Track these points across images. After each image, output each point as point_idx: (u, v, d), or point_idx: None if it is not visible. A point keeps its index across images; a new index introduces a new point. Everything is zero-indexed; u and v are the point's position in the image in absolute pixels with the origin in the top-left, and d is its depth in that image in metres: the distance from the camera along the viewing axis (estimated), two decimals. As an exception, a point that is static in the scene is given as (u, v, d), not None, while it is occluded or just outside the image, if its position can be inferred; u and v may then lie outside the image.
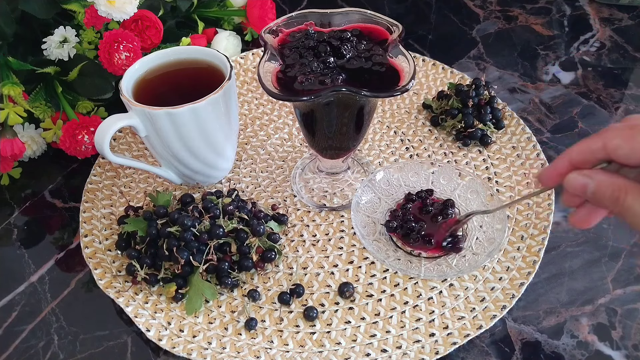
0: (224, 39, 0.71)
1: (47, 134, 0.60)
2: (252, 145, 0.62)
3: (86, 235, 0.53)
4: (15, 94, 0.55)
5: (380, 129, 0.63)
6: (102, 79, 0.60)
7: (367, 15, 0.48)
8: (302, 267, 0.50)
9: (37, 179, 0.61)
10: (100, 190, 0.57)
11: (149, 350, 0.46)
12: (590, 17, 0.81)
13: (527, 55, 0.74)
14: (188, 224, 0.46)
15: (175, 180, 0.56)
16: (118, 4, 0.54)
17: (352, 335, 0.45)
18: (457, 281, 0.48)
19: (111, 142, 0.62)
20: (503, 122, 0.61)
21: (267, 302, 0.48)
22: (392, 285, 0.49)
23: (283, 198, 0.56)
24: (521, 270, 0.48)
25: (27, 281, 0.51)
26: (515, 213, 0.53)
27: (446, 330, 0.45)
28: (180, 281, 0.47)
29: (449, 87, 0.64)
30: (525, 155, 0.59)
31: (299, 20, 0.48)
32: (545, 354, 0.45)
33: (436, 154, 0.60)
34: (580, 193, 0.33)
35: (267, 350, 0.44)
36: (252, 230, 0.48)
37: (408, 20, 0.82)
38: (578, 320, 0.47)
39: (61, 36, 0.59)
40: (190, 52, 0.54)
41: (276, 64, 0.45)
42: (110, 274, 0.49)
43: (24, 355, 0.46)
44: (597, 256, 0.51)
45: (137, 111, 0.48)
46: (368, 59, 0.44)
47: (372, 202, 0.53)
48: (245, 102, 0.67)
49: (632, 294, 0.48)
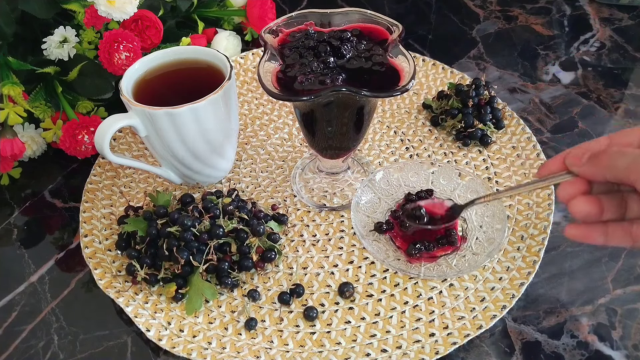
0: (224, 39, 0.71)
1: (47, 134, 0.60)
2: (252, 145, 0.62)
3: (86, 235, 0.53)
4: (15, 94, 0.55)
5: (380, 129, 0.63)
6: (102, 79, 0.60)
7: (367, 15, 0.48)
8: (302, 267, 0.50)
9: (37, 179, 0.61)
10: (100, 190, 0.57)
11: (149, 350, 0.46)
12: (590, 17, 0.81)
13: (527, 55, 0.74)
14: (188, 224, 0.46)
15: (175, 180, 0.56)
16: (118, 4, 0.54)
17: (352, 335, 0.45)
18: (457, 281, 0.48)
19: (111, 142, 0.62)
20: (503, 122, 0.61)
21: (267, 302, 0.48)
22: (392, 285, 0.49)
23: (283, 198, 0.56)
24: (521, 270, 0.48)
25: (27, 281, 0.51)
26: (515, 213, 0.53)
27: (446, 330, 0.45)
28: (180, 281, 0.47)
29: (449, 87, 0.64)
30: (525, 155, 0.59)
31: (299, 20, 0.48)
32: (545, 354, 0.45)
33: (436, 154, 0.60)
34: (577, 162, 0.37)
35: (267, 350, 0.44)
36: (252, 230, 0.48)
37: (408, 20, 0.82)
38: (578, 320, 0.47)
39: (61, 36, 0.59)
40: (190, 52, 0.54)
41: (276, 64, 0.45)
42: (110, 274, 0.49)
43: (24, 355, 0.46)
44: (597, 256, 0.51)
45: (137, 111, 0.48)
46: (368, 59, 0.44)
47: (372, 202, 0.53)
48: (245, 102, 0.67)
49: (632, 294, 0.48)
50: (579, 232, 0.38)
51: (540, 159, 0.58)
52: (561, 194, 0.38)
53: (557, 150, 0.61)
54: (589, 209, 0.36)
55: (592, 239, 0.38)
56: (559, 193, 0.38)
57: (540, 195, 0.54)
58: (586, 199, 0.36)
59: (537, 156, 0.58)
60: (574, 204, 0.37)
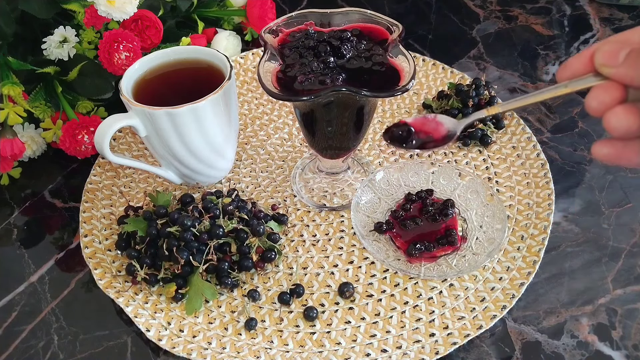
0: (224, 39, 0.71)
1: (47, 134, 0.60)
2: (252, 145, 0.62)
3: (86, 235, 0.53)
4: (15, 94, 0.55)
5: (380, 129, 0.63)
6: (102, 79, 0.60)
7: (367, 15, 0.48)
8: (302, 267, 0.50)
9: (37, 179, 0.61)
10: (100, 190, 0.57)
11: (149, 350, 0.46)
12: (590, 17, 0.81)
13: (527, 55, 0.74)
14: (188, 224, 0.46)
15: (175, 180, 0.56)
16: (118, 3, 0.54)
17: (352, 335, 0.45)
18: (457, 281, 0.48)
19: (111, 142, 0.62)
20: (503, 122, 0.61)
21: (267, 302, 0.48)
22: (392, 285, 0.49)
23: (283, 198, 0.56)
24: (521, 270, 0.48)
25: (27, 281, 0.51)
26: (516, 213, 0.53)
27: (446, 330, 0.45)
28: (180, 281, 0.47)
29: (449, 87, 0.64)
30: (525, 155, 0.59)
31: (299, 20, 0.48)
32: (546, 354, 0.45)
33: (436, 154, 0.60)
34: (612, 61, 0.28)
35: (267, 350, 0.44)
36: (252, 230, 0.48)
37: (408, 20, 0.82)
38: (578, 320, 0.47)
39: (61, 36, 0.59)
40: (190, 52, 0.54)
41: (276, 64, 0.45)
42: (110, 274, 0.49)
43: (24, 355, 0.46)
44: (597, 256, 0.51)
45: (137, 111, 0.48)
46: (368, 59, 0.44)
47: (372, 202, 0.53)
48: (245, 102, 0.67)
49: (632, 294, 0.48)
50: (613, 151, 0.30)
51: (540, 159, 0.58)
52: (592, 103, 0.29)
53: (557, 150, 0.61)
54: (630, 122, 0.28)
55: (627, 159, 0.30)
56: (589, 103, 0.29)
57: (540, 195, 0.54)
58: (626, 110, 0.28)
59: (537, 156, 0.58)
60: (611, 116, 0.28)
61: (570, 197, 0.56)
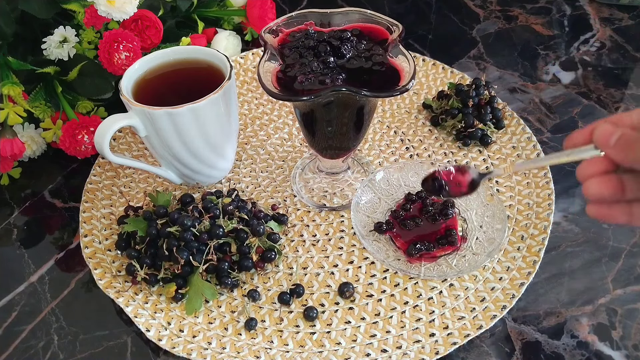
0: (224, 39, 0.71)
1: (47, 134, 0.60)
2: (252, 145, 0.62)
3: (86, 235, 0.53)
4: (15, 94, 0.55)
5: (380, 129, 0.63)
6: (102, 79, 0.60)
7: (367, 15, 0.48)
8: (302, 267, 0.50)
9: (37, 179, 0.61)
10: (100, 190, 0.57)
11: (148, 350, 0.46)
12: (590, 17, 0.81)
13: (527, 55, 0.74)
14: (188, 224, 0.46)
15: (175, 180, 0.56)
16: (118, 3, 0.54)
17: (352, 335, 0.45)
18: (457, 281, 0.48)
19: (111, 142, 0.62)
20: (503, 122, 0.61)
21: (267, 302, 0.48)
22: (392, 285, 0.49)
23: (283, 198, 0.56)
24: (521, 270, 0.48)
25: (27, 281, 0.51)
26: (516, 213, 0.53)
27: (446, 330, 0.45)
28: (180, 281, 0.47)
29: (449, 87, 0.64)
30: (525, 155, 0.59)
31: (299, 20, 0.48)
32: (546, 354, 0.45)
33: (436, 154, 0.60)
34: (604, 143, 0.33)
35: (267, 351, 0.44)
36: (252, 230, 0.48)
37: (408, 20, 0.82)
38: (578, 320, 0.47)
39: (61, 36, 0.59)
40: (190, 52, 0.54)
41: (276, 64, 0.45)
42: (110, 274, 0.49)
43: (24, 355, 0.46)
44: (597, 256, 0.51)
45: (137, 111, 0.48)
46: (368, 59, 0.44)
47: (372, 202, 0.53)
48: (245, 102, 0.67)
49: (632, 294, 0.48)
50: (600, 212, 0.35)
51: (540, 159, 0.58)
52: (579, 172, 0.34)
53: (557, 150, 0.61)
54: (602, 191, 0.33)
55: (614, 218, 0.34)
56: (578, 171, 0.34)
57: (540, 195, 0.54)
58: (600, 181, 0.33)
59: (537, 156, 0.58)
60: (587, 185, 0.33)
61: (570, 197, 0.56)
